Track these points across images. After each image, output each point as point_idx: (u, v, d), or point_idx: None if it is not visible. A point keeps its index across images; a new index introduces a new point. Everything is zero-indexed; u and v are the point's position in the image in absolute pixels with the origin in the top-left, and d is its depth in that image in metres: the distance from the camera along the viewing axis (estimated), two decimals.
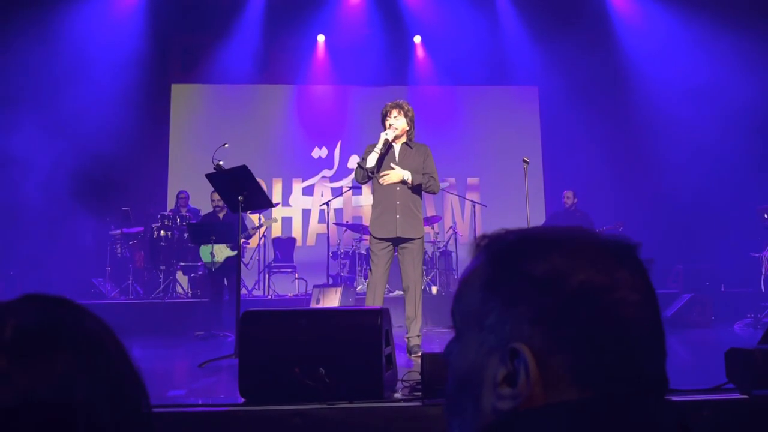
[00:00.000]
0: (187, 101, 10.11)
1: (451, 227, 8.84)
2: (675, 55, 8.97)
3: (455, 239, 8.57)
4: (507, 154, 9.80)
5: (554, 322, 0.56)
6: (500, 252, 0.62)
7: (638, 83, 9.39)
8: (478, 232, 8.72)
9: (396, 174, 4.39)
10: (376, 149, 4.42)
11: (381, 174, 4.40)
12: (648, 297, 0.58)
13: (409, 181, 4.39)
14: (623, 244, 0.60)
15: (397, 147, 4.56)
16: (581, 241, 0.60)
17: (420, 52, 10.20)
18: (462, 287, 0.65)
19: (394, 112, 4.49)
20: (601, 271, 0.57)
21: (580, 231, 0.62)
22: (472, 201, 8.49)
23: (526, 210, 5.33)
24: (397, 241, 4.44)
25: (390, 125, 4.47)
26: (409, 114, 4.54)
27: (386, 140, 4.42)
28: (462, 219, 10.06)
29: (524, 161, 5.46)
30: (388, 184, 4.42)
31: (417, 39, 10.15)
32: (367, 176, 4.46)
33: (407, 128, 4.55)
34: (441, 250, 8.44)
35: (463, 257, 8.45)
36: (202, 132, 9.81)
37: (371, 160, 4.43)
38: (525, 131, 10.19)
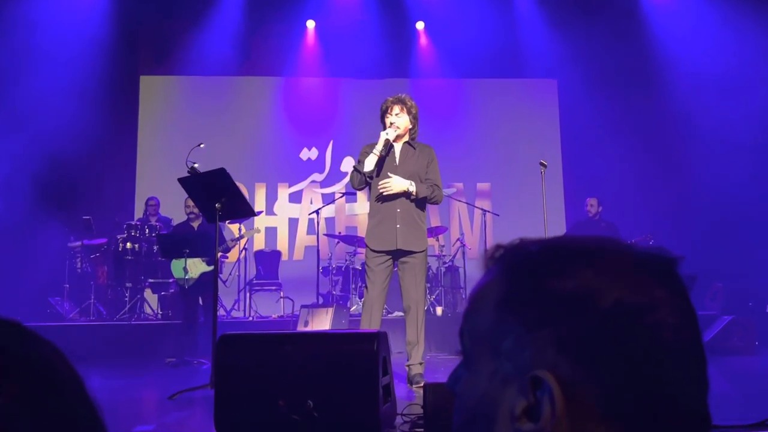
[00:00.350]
0: (157, 95, 10.13)
1: (458, 239, 8.84)
2: (710, 42, 9.01)
3: (463, 253, 8.57)
4: (522, 156, 9.82)
5: (583, 347, 0.55)
6: (519, 265, 0.62)
7: (669, 75, 9.43)
8: (489, 245, 8.65)
9: (398, 184, 4.37)
10: (375, 150, 4.42)
11: (381, 182, 4.39)
12: (689, 320, 0.58)
13: (414, 192, 4.39)
14: (662, 258, 0.60)
15: (397, 147, 4.57)
16: (614, 254, 0.60)
17: (423, 40, 10.24)
18: (473, 305, 0.65)
19: (396, 109, 4.50)
20: (638, 290, 0.57)
21: (612, 242, 0.61)
22: (482, 209, 8.50)
23: (544, 220, 5.33)
24: (397, 255, 4.44)
25: (391, 123, 4.48)
26: (413, 111, 4.55)
27: (387, 140, 4.43)
28: (471, 230, 10.07)
29: (541, 164, 5.47)
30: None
31: (419, 25, 10.20)
32: (364, 181, 4.46)
33: (410, 127, 4.56)
34: (447, 265, 8.42)
35: (472, 273, 8.44)
36: (174, 130, 9.82)
37: (369, 163, 4.43)
38: (542, 130, 10.22)
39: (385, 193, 4.38)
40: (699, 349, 0.58)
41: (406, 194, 4.43)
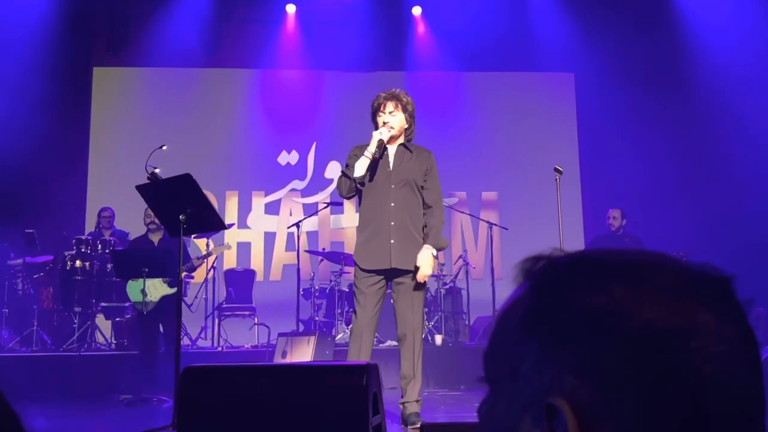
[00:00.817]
0: (113, 90, 10.13)
1: (460, 257, 8.86)
2: (748, 31, 9.07)
3: (466, 272, 8.58)
4: (534, 161, 9.87)
5: (605, 373, 0.55)
6: (544, 278, 0.62)
7: (702, 68, 9.48)
8: (496, 263, 8.82)
9: (428, 264, 4.38)
10: (366, 152, 4.43)
11: (420, 274, 4.38)
12: (742, 350, 0.57)
13: (434, 253, 4.45)
14: (709, 275, 0.60)
15: (391, 150, 4.58)
16: (653, 269, 0.59)
17: (420, 27, 10.30)
18: (498, 325, 0.65)
19: (390, 106, 4.51)
20: (675, 310, 0.56)
21: (655, 256, 0.61)
22: (488, 222, 8.51)
23: (560, 234, 5.34)
24: (390, 275, 4.44)
25: (385, 123, 4.49)
26: (409, 108, 4.57)
27: (380, 141, 4.43)
28: (475, 246, 10.09)
29: (556, 170, 5.49)
30: (380, 197, 4.43)
31: (416, 11, 10.25)
32: (354, 188, 4.47)
33: (406, 126, 4.58)
34: (448, 286, 8.43)
35: (476, 296, 8.45)
36: (133, 130, 9.82)
37: (360, 167, 4.43)
38: (557, 132, 10.28)
39: (421, 280, 4.41)
40: (756, 386, 0.57)
41: (402, 206, 4.43)
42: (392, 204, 4.45)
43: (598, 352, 0.56)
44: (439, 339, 7.82)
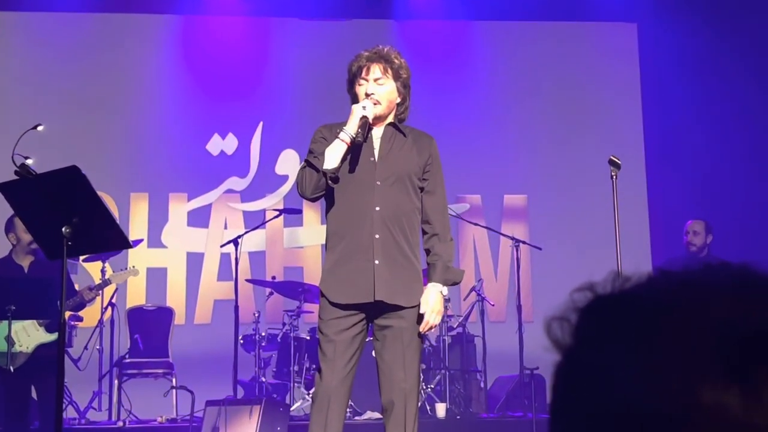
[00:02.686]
0: None
1: (473, 289, 8.87)
2: None
3: (482, 312, 8.59)
4: (578, 150, 9.92)
5: None
6: (575, 330, 0.68)
7: None
8: (525, 298, 8.77)
9: (436, 311, 4.46)
10: (342, 134, 4.41)
11: (425, 325, 4.45)
12: None
13: (445, 293, 4.57)
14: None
15: (377, 132, 4.59)
16: (689, 317, 0.62)
17: None
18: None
19: (377, 70, 4.51)
20: (678, 388, 0.59)
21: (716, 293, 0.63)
22: (513, 239, 8.53)
23: (617, 256, 5.34)
24: (374, 313, 4.43)
25: (368, 94, 4.49)
26: (403, 74, 4.57)
27: (363, 119, 4.42)
28: (495, 274, 10.08)
29: (612, 163, 5.50)
30: (358, 200, 4.43)
31: None
32: (324, 186, 4.45)
33: (398, 100, 4.58)
34: (455, 332, 8.45)
35: (497, 346, 8.45)
36: None
37: (333, 155, 4.41)
38: (613, 107, 10.33)
39: (425, 331, 4.49)
40: None
41: (391, 211, 4.43)
42: (377, 208, 4.43)
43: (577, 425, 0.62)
44: (441, 409, 7.81)
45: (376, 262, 4.39)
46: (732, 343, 0.58)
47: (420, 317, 4.46)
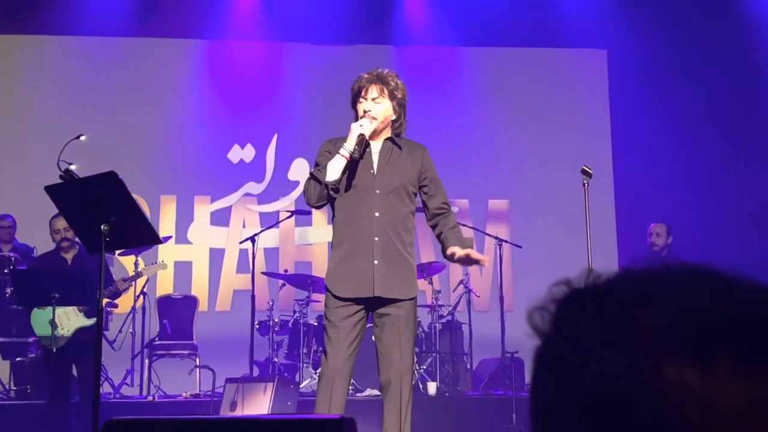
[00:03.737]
0: (14, 65, 10.07)
1: (461, 282, 8.85)
2: None
3: (468, 302, 8.58)
4: (555, 161, 9.91)
5: None
6: (557, 312, 0.69)
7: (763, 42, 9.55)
8: (506, 290, 8.78)
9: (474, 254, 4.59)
10: (343, 150, 4.42)
11: (478, 255, 4.60)
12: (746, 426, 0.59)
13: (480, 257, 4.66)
14: (726, 318, 0.62)
15: (375, 146, 4.59)
16: (656, 302, 0.64)
17: None
18: None
19: (374, 91, 4.52)
20: (642, 365, 0.61)
21: (682, 282, 0.65)
22: (496, 238, 8.53)
23: (588, 254, 5.35)
24: (374, 304, 4.44)
25: (367, 112, 4.50)
26: (398, 95, 4.57)
27: (361, 137, 4.43)
28: (480, 268, 10.05)
29: (584, 172, 5.51)
30: (360, 206, 4.44)
31: None
32: (326, 195, 4.47)
33: (393, 117, 4.59)
34: (445, 320, 8.43)
35: (481, 333, 8.45)
36: (40, 117, 9.77)
37: (334, 169, 4.43)
38: (585, 123, 10.32)
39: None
40: None
41: (389, 217, 4.44)
42: (376, 214, 4.45)
43: (552, 412, 0.63)
44: (432, 387, 7.80)
45: (375, 262, 4.40)
46: (691, 329, 0.59)
47: (413, 308, 4.50)
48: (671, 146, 9.70)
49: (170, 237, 9.32)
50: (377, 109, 4.51)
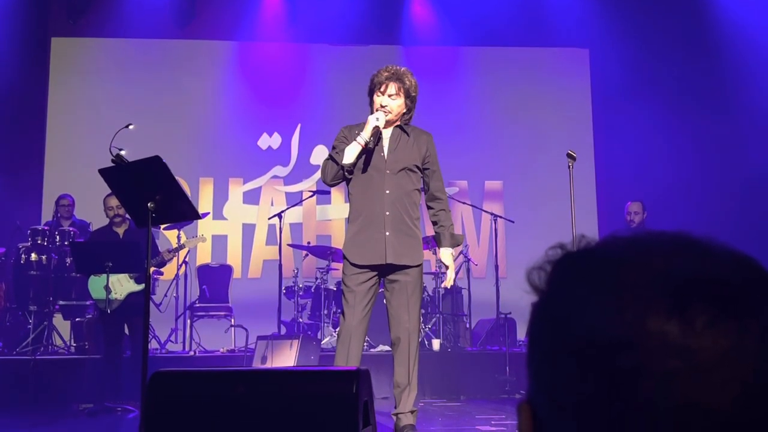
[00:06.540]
0: (73, 63, 10.07)
1: (461, 253, 8.84)
2: None
3: (467, 270, 8.59)
4: (543, 146, 9.88)
5: (550, 382, 0.62)
6: (551, 274, 0.68)
7: (734, 42, 9.43)
8: (501, 260, 8.80)
9: (452, 266, 4.72)
10: (359, 138, 4.41)
11: (450, 281, 4.75)
12: (725, 373, 0.58)
13: (453, 254, 4.73)
14: (703, 276, 0.61)
15: (386, 133, 4.58)
16: (631, 264, 0.63)
17: None
18: None
19: (393, 87, 4.50)
20: (627, 318, 0.60)
21: (650, 247, 0.64)
22: (492, 214, 8.50)
23: (572, 228, 5.34)
24: (385, 271, 4.45)
25: (382, 105, 4.48)
26: (412, 93, 4.57)
27: (376, 128, 4.42)
28: (477, 240, 10.09)
29: (569, 156, 5.47)
30: (373, 185, 4.43)
31: None
32: (341, 176, 4.47)
33: (404, 110, 4.59)
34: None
35: (479, 297, 8.46)
36: (95, 108, 9.78)
37: (350, 154, 4.43)
38: (570, 113, 10.30)
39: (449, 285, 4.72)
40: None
41: (398, 194, 4.43)
42: (387, 192, 4.45)
43: (546, 358, 0.63)
44: (436, 344, 7.83)
45: (387, 233, 4.42)
46: (671, 286, 0.59)
47: (420, 275, 4.50)
48: (646, 134, 9.67)
49: (208, 213, 9.34)
50: (393, 104, 4.51)
